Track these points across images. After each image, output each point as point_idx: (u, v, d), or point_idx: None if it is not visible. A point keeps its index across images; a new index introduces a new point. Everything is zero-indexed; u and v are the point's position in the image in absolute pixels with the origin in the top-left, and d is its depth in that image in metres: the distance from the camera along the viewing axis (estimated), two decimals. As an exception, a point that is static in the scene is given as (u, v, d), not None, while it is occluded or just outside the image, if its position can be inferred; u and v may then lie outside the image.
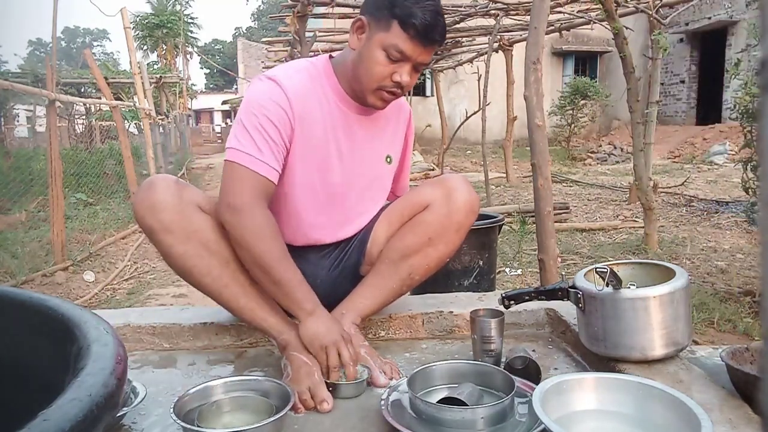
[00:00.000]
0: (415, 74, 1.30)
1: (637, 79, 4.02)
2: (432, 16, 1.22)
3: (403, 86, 1.28)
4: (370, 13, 1.27)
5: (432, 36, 1.24)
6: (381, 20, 1.24)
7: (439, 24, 1.24)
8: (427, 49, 1.26)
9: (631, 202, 6.06)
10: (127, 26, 6.77)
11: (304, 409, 1.13)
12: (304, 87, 1.33)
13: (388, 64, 1.25)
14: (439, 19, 1.24)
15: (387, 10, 1.23)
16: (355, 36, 1.30)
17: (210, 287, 1.30)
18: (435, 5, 1.23)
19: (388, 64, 1.25)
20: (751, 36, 3.41)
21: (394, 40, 1.23)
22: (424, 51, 1.25)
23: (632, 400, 0.99)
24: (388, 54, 1.24)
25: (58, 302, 0.61)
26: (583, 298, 1.20)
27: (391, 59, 1.25)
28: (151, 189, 1.26)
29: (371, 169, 1.46)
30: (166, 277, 4.04)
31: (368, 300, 1.39)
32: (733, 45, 12.41)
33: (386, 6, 1.23)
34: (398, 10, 1.22)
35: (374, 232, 1.47)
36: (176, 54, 30.61)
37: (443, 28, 1.26)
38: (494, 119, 10.82)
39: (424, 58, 1.27)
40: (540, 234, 2.18)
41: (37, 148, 9.23)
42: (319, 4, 5.17)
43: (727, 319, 2.69)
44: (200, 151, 19.73)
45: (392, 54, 1.24)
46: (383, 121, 1.46)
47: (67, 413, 0.40)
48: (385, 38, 1.24)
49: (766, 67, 0.23)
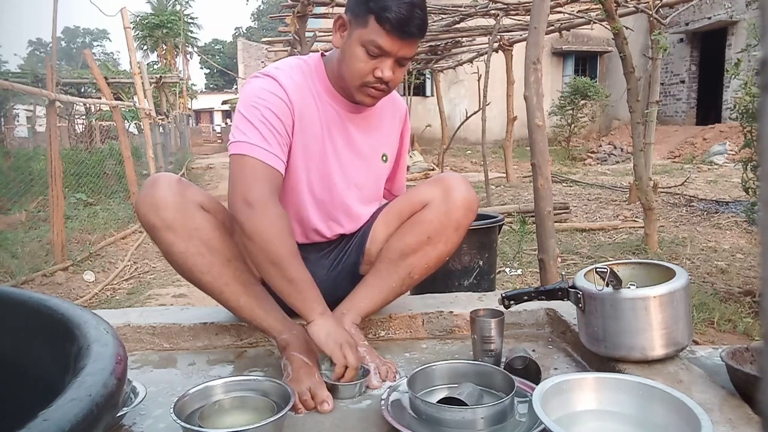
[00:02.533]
0: (400, 69, 1.28)
1: (637, 79, 4.02)
2: (407, 9, 1.19)
3: (387, 81, 1.27)
4: (351, 10, 1.27)
5: (408, 29, 1.21)
6: (359, 16, 1.23)
7: (416, 16, 1.21)
8: (406, 43, 1.24)
9: (631, 202, 6.06)
10: (127, 26, 6.77)
11: (304, 410, 1.13)
12: (299, 83, 1.33)
13: (369, 60, 1.24)
14: (416, 11, 1.21)
15: (364, 5, 1.22)
16: (338, 34, 1.30)
17: (210, 286, 1.30)
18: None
19: (369, 60, 1.24)
20: (751, 36, 3.41)
21: (371, 36, 1.22)
22: (403, 45, 1.23)
23: (632, 400, 0.99)
24: (367, 50, 1.23)
25: (58, 302, 0.61)
26: (583, 298, 1.20)
27: (371, 55, 1.24)
28: (154, 187, 1.26)
29: (367, 167, 1.45)
30: (166, 277, 4.04)
31: (368, 299, 1.39)
32: (733, 45, 12.40)
33: (363, 1, 1.22)
34: (373, 4, 1.20)
35: (373, 232, 1.47)
36: (176, 54, 30.62)
37: (421, 20, 1.23)
38: (494, 119, 10.82)
39: (405, 51, 1.25)
40: (540, 234, 2.18)
41: (37, 148, 9.23)
42: (319, 4, 5.17)
43: (727, 319, 2.69)
44: (200, 151, 19.74)
45: (371, 50, 1.23)
46: (377, 119, 1.46)
47: (67, 413, 0.40)
48: (363, 34, 1.23)
49: (766, 67, 0.23)
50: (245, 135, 1.25)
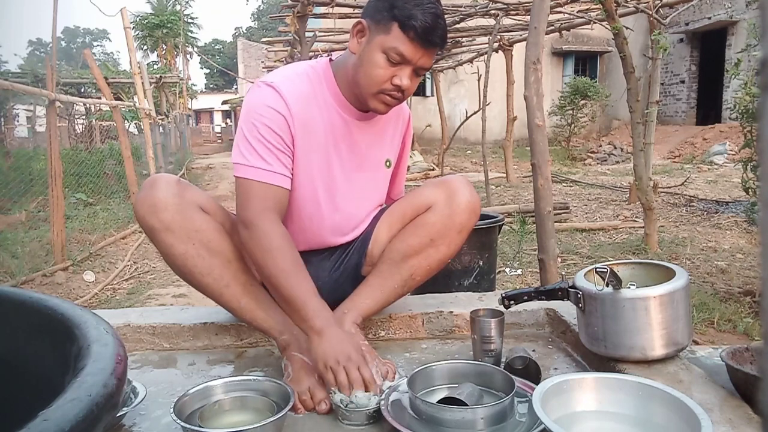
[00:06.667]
0: (416, 79, 1.29)
1: (637, 79, 4.02)
2: (432, 19, 1.21)
3: (404, 90, 1.27)
4: (371, 16, 1.26)
5: (432, 38, 1.22)
6: (381, 23, 1.23)
7: (440, 26, 1.23)
8: (428, 52, 1.25)
9: (631, 202, 6.06)
10: (127, 26, 6.77)
11: (303, 410, 1.13)
12: (303, 92, 1.32)
13: (389, 67, 1.24)
14: (439, 21, 1.22)
15: (387, 12, 1.22)
16: (356, 39, 1.29)
17: (211, 287, 1.30)
18: (435, 8, 1.22)
19: (389, 67, 1.24)
20: (751, 36, 3.41)
21: (394, 43, 1.22)
22: (424, 54, 1.24)
23: (632, 400, 0.99)
24: (388, 57, 1.23)
25: (58, 302, 0.61)
26: (583, 298, 1.20)
27: (392, 62, 1.23)
28: (153, 188, 1.26)
29: (372, 174, 1.45)
30: (166, 277, 4.04)
31: (369, 300, 1.39)
32: (733, 45, 12.41)
33: (386, 8, 1.22)
34: (398, 12, 1.21)
35: (375, 234, 1.47)
36: (176, 54, 30.60)
37: (443, 31, 1.25)
38: (494, 119, 10.83)
39: (425, 61, 1.25)
40: (540, 234, 2.18)
41: (37, 148, 9.22)
42: (319, 4, 5.17)
43: (727, 319, 2.69)
44: (200, 151, 19.74)
45: (392, 57, 1.23)
46: (383, 125, 1.45)
47: (67, 413, 0.40)
48: (385, 41, 1.22)
49: (766, 67, 0.23)
50: (244, 157, 1.26)
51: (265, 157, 1.25)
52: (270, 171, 1.26)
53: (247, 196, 1.25)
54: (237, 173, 1.27)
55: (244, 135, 1.28)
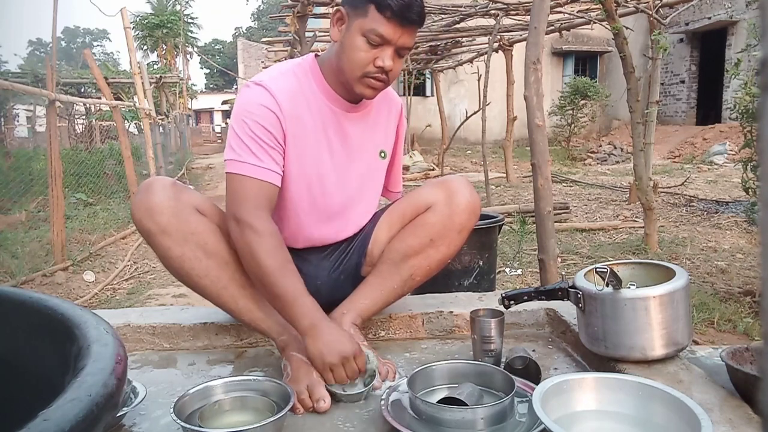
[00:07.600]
0: (399, 60, 1.29)
1: (637, 79, 4.02)
2: None
3: (388, 71, 1.27)
4: (348, 3, 1.28)
5: (409, 15, 1.23)
6: (358, 7, 1.24)
7: (415, 4, 1.23)
8: (407, 30, 1.25)
9: (631, 202, 6.06)
10: (127, 26, 6.77)
11: (303, 410, 1.13)
12: (291, 89, 1.32)
13: (370, 50, 1.25)
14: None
15: None
16: (336, 28, 1.30)
17: (208, 289, 1.30)
18: None
19: (370, 49, 1.25)
20: (751, 36, 3.41)
21: (372, 25, 1.23)
22: (403, 32, 1.24)
23: (632, 400, 0.99)
24: (368, 39, 1.24)
25: (58, 302, 0.61)
26: (583, 298, 1.20)
27: (372, 44, 1.24)
28: (148, 192, 1.26)
29: (366, 165, 1.45)
30: (166, 277, 4.03)
31: (369, 300, 1.39)
32: (733, 45, 12.41)
33: None
34: None
35: (375, 233, 1.47)
36: (176, 54, 30.62)
37: (420, 8, 1.25)
38: (494, 119, 10.83)
39: (405, 40, 1.26)
40: (540, 234, 2.18)
41: (37, 148, 9.22)
42: (319, 4, 5.17)
43: (727, 319, 2.69)
44: (200, 151, 19.74)
45: (372, 39, 1.23)
46: (374, 116, 1.45)
47: (67, 413, 0.40)
48: (364, 23, 1.23)
49: (766, 67, 0.23)
50: (235, 152, 1.27)
51: (256, 153, 1.26)
52: (261, 167, 1.26)
53: (238, 191, 1.25)
54: (228, 169, 1.27)
55: (235, 133, 1.28)
